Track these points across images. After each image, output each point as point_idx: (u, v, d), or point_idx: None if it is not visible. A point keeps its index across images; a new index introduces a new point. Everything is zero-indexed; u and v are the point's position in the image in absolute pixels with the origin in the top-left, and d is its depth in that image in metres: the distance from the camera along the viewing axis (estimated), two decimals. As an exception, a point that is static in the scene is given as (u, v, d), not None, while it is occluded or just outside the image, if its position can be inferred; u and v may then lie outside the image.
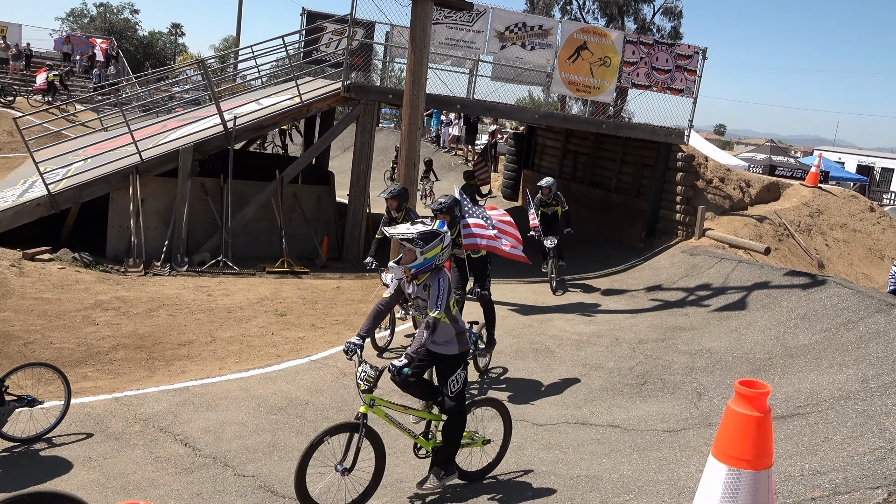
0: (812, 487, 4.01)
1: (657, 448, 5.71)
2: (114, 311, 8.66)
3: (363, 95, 12.52)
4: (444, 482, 4.88)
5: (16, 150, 18.82)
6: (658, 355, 8.62)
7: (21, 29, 31.12)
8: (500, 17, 13.16)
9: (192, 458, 5.22)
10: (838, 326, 8.30)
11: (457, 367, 4.82)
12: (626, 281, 12.64)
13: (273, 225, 12.29)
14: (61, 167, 11.88)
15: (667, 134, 14.31)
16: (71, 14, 56.82)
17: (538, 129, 19.87)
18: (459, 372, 4.83)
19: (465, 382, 4.88)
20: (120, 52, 31.69)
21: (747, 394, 2.86)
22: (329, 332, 8.83)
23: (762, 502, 2.85)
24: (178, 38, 60.79)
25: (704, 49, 14.43)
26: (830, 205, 15.97)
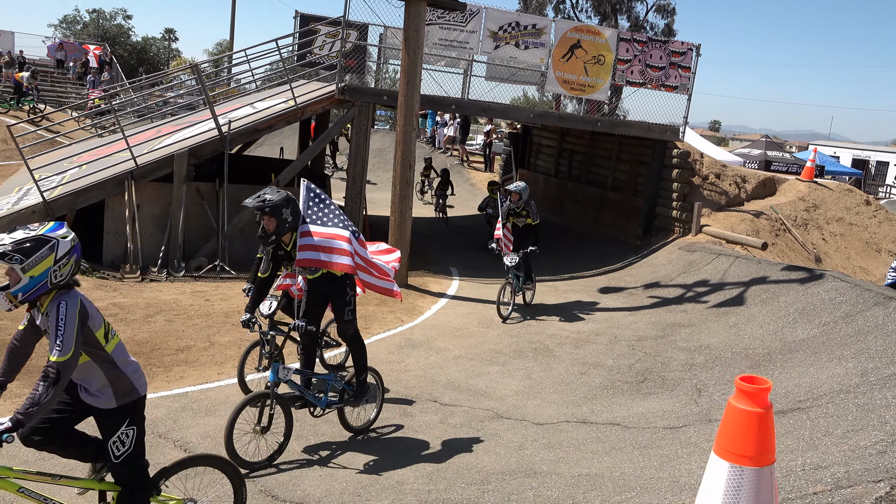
0: (814, 482, 4.01)
1: (658, 445, 5.70)
2: (111, 317, 8.63)
3: (358, 97, 12.51)
4: None
5: (10, 157, 18.75)
6: (657, 352, 8.62)
7: (14, 36, 31.06)
8: (494, 17, 13.16)
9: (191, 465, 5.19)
10: (837, 320, 8.31)
11: (117, 424, 3.64)
12: (624, 278, 12.64)
13: (269, 228, 12.25)
14: (56, 174, 11.85)
15: (662, 131, 14.32)
16: (64, 21, 56.80)
17: (533, 129, 19.88)
18: (124, 430, 3.64)
19: (135, 443, 3.70)
20: (113, 58, 31.63)
21: (748, 390, 2.85)
22: (327, 334, 8.80)
23: (765, 499, 2.84)
24: (172, 43, 60.77)
25: (698, 46, 14.44)
26: (826, 199, 16.00)
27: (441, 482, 5.11)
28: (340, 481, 5.09)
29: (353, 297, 5.84)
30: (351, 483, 5.06)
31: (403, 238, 11.30)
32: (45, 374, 3.39)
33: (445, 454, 5.67)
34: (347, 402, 5.78)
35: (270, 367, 5.33)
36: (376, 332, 9.03)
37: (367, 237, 13.41)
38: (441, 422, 6.39)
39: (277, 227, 5.41)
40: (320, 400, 5.63)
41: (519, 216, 10.31)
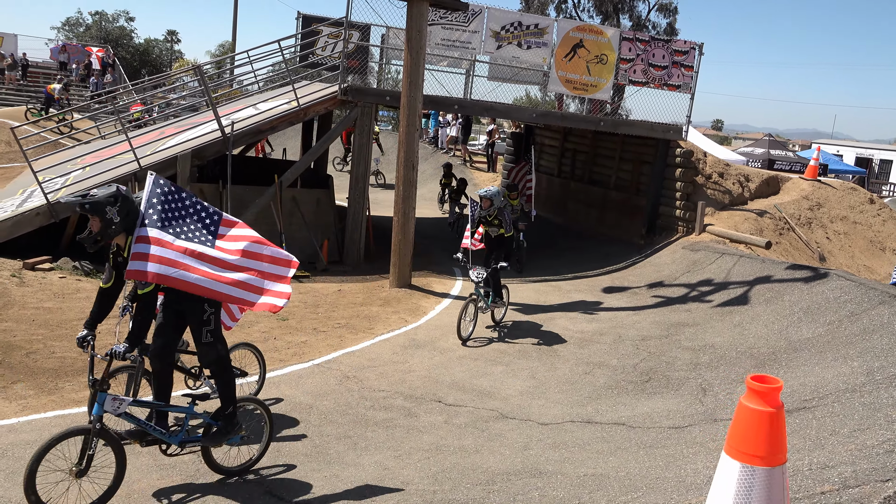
0: (821, 481, 3.99)
1: (663, 445, 5.69)
2: (115, 318, 8.60)
3: (360, 98, 12.51)
4: None
5: (14, 159, 18.78)
6: (662, 352, 8.60)
7: (17, 39, 31.15)
8: (496, 17, 13.15)
9: (198, 465, 5.19)
10: (842, 319, 8.28)
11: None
12: (628, 278, 12.62)
13: (273, 229, 12.27)
14: (60, 176, 11.87)
15: (665, 130, 14.30)
16: (66, 23, 56.88)
17: (536, 129, 19.86)
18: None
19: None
20: (116, 60, 31.68)
21: (759, 389, 2.83)
22: (331, 335, 8.81)
23: (777, 499, 2.82)
24: (174, 44, 60.81)
25: (701, 44, 14.43)
26: (830, 198, 15.96)
27: (446, 482, 5.11)
28: (346, 482, 5.08)
29: (215, 315, 4.91)
30: (356, 484, 5.06)
31: (407, 238, 11.30)
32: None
33: (450, 454, 5.66)
34: (207, 440, 4.92)
35: (96, 396, 4.49)
36: (380, 333, 9.02)
37: (371, 238, 13.48)
38: (446, 422, 6.38)
39: (101, 229, 4.52)
40: (172, 436, 4.84)
41: (491, 225, 9.32)
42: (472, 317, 8.97)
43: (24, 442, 5.39)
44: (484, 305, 9.21)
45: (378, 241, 13.78)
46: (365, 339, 8.76)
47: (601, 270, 13.24)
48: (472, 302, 8.91)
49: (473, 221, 9.35)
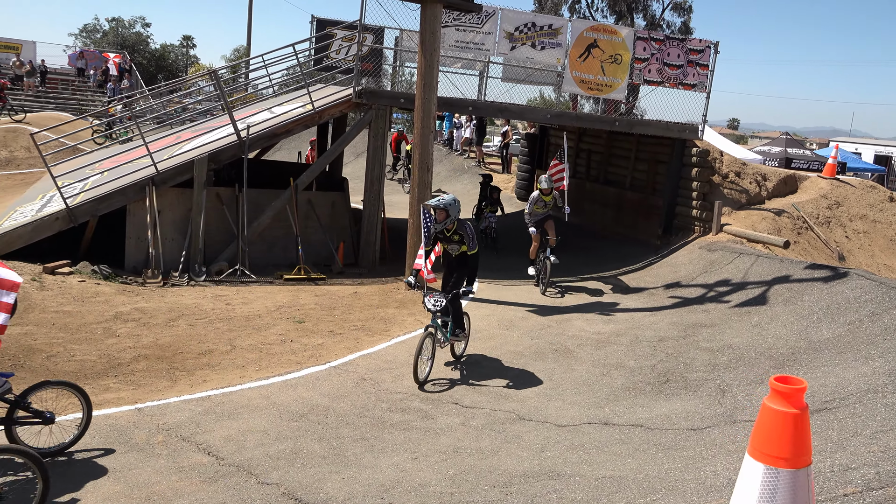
0: (844, 483, 3.94)
1: (682, 447, 5.65)
2: (134, 322, 8.71)
3: (374, 101, 12.53)
4: None
5: (33, 165, 19.02)
6: (679, 353, 8.54)
7: (35, 46, 31.54)
8: (510, 18, 13.13)
9: (216, 467, 5.22)
10: (862, 319, 8.19)
11: None
12: (644, 279, 12.55)
13: (289, 232, 12.33)
14: (78, 181, 11.99)
15: (680, 129, 14.21)
16: (84, 30, 57.55)
17: (551, 129, 19.81)
18: None
19: None
20: (133, 66, 32.01)
21: (783, 390, 2.80)
22: (348, 337, 8.83)
23: (802, 501, 2.79)
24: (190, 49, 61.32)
25: (716, 43, 14.33)
26: (849, 196, 15.79)
27: (464, 485, 5.10)
28: (363, 484, 5.08)
29: None
30: (374, 486, 5.06)
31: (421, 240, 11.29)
32: None
33: (468, 456, 5.65)
34: None
35: None
36: (396, 335, 9.03)
37: (386, 240, 13.49)
38: (463, 424, 6.38)
39: None
40: None
41: (450, 241, 7.73)
42: (431, 353, 7.45)
43: (46, 444, 5.44)
44: (442, 339, 7.71)
45: (393, 244, 13.79)
46: (381, 341, 8.77)
47: (617, 271, 13.18)
48: (430, 336, 7.33)
49: (428, 238, 7.77)
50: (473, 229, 7.71)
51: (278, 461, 5.43)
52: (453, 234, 7.68)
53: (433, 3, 10.67)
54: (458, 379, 7.60)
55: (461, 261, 7.82)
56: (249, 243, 11.85)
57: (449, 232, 7.68)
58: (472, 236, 7.66)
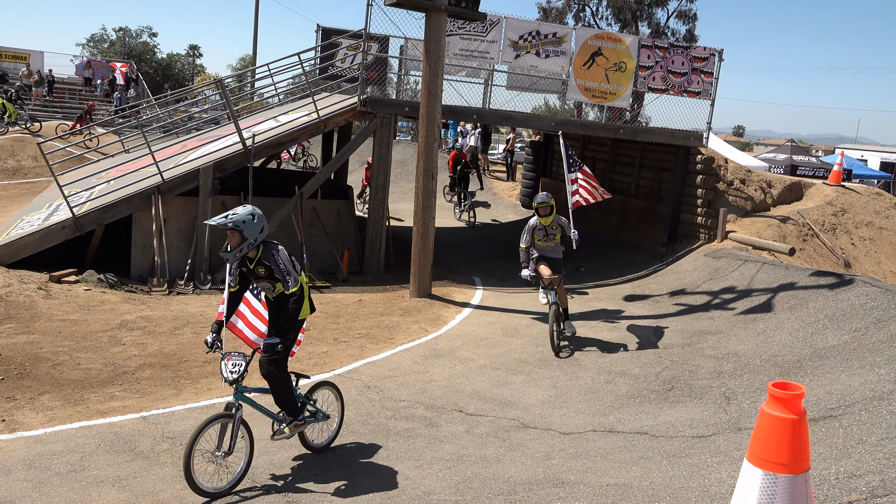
0: (849, 491, 3.93)
1: (687, 454, 5.63)
2: (140, 330, 8.74)
3: (379, 109, 12.58)
4: None
5: (40, 174, 19.14)
6: (684, 360, 8.52)
7: (43, 56, 31.79)
8: (514, 27, 13.18)
9: (220, 474, 5.23)
10: (868, 326, 8.16)
11: None
12: (649, 286, 12.54)
13: (294, 240, 12.37)
14: (85, 190, 12.06)
15: (685, 137, 14.22)
16: (91, 39, 57.98)
17: (555, 137, 19.83)
18: None
19: None
20: (139, 75, 32.20)
21: (781, 396, 2.80)
22: (352, 345, 8.84)
23: (800, 507, 2.79)
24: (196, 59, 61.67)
25: (720, 51, 14.35)
26: (855, 203, 15.75)
27: (468, 492, 5.09)
28: (367, 492, 5.09)
29: None
30: (378, 494, 5.06)
31: (426, 248, 11.32)
32: None
33: (472, 464, 5.65)
34: None
35: None
36: (401, 343, 9.04)
37: (391, 248, 13.52)
38: (467, 431, 6.37)
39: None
40: None
41: (256, 276, 5.28)
42: (228, 447, 4.95)
43: (51, 452, 5.47)
44: (239, 442, 5.01)
45: (398, 252, 13.82)
46: (385, 348, 8.78)
47: (622, 278, 13.17)
48: (223, 421, 4.94)
49: (233, 276, 5.33)
50: (288, 257, 5.23)
51: (282, 469, 5.43)
52: (256, 265, 5.20)
53: (438, 12, 10.72)
54: (466, 387, 7.60)
55: (280, 303, 5.35)
56: (255, 251, 11.87)
57: (251, 263, 5.20)
58: (286, 268, 5.15)
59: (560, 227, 9.23)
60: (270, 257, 5.15)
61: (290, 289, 5.17)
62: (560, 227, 9.24)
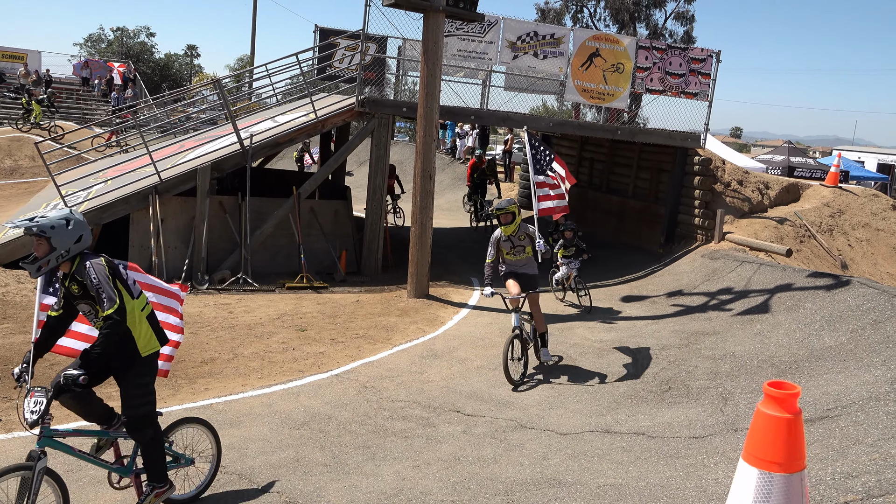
0: (845, 491, 3.94)
1: (684, 455, 5.64)
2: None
3: (377, 109, 12.59)
4: None
5: (38, 174, 19.12)
6: (681, 361, 8.54)
7: (40, 55, 31.72)
8: (512, 28, 13.19)
9: (218, 476, 5.22)
10: (865, 327, 8.18)
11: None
12: (647, 287, 12.55)
13: (291, 241, 12.36)
14: (82, 189, 12.04)
15: (683, 138, 14.24)
16: (89, 39, 57.93)
17: (553, 138, 19.84)
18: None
19: None
20: (137, 75, 32.15)
21: (777, 395, 2.81)
22: (350, 346, 8.84)
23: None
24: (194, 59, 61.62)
25: (718, 52, 14.38)
26: (852, 204, 15.78)
27: (465, 493, 5.10)
28: (364, 492, 5.09)
29: None
30: (375, 494, 5.06)
31: (424, 249, 11.32)
32: None
33: (469, 465, 5.65)
34: None
35: None
36: (398, 343, 9.04)
37: (388, 248, 13.51)
38: (464, 432, 6.38)
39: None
40: None
41: (75, 297, 4.26)
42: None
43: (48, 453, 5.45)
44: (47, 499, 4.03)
45: (395, 252, 13.82)
46: (383, 349, 8.78)
47: (620, 279, 13.18)
48: (21, 471, 3.97)
49: (53, 291, 4.60)
50: (106, 272, 4.15)
51: (280, 469, 5.43)
52: (70, 282, 4.22)
53: (436, 12, 10.73)
54: (463, 387, 7.60)
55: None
56: (252, 252, 11.88)
57: (66, 279, 4.23)
58: (100, 284, 4.10)
59: (528, 236, 8.12)
60: (84, 273, 4.12)
61: (107, 310, 4.07)
62: (529, 237, 8.14)
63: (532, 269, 8.27)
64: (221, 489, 5.07)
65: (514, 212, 7.97)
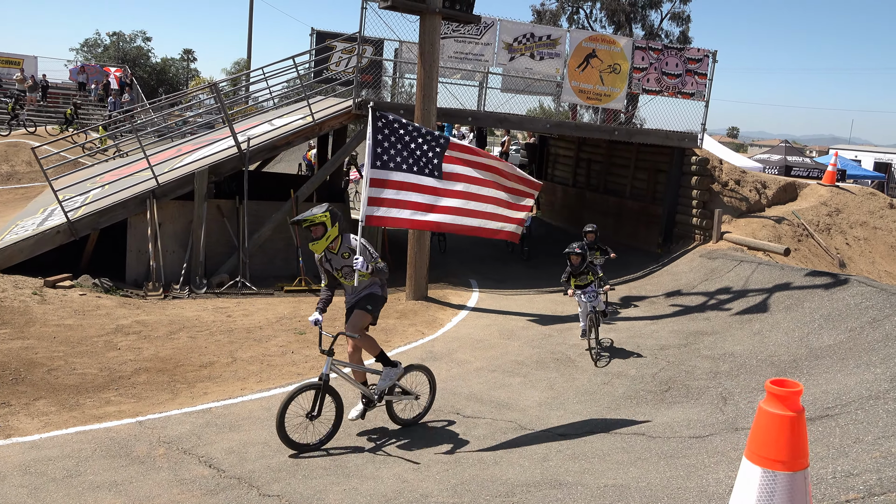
0: (846, 489, 3.94)
1: (684, 455, 5.64)
2: (135, 335, 8.71)
3: (374, 112, 12.56)
4: None
5: (35, 179, 19.08)
6: (681, 361, 8.53)
7: (37, 61, 31.67)
8: (508, 29, 13.20)
9: (217, 480, 5.21)
10: (863, 325, 8.18)
11: None
12: (645, 287, 12.55)
13: (289, 244, 12.35)
14: (79, 194, 12.03)
15: (680, 138, 14.25)
16: (85, 44, 57.77)
17: (550, 139, 19.87)
18: None
19: None
20: (134, 80, 32.14)
21: (779, 393, 2.81)
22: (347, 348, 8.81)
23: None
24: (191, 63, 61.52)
25: (714, 52, 14.39)
26: (849, 203, 15.80)
27: (466, 495, 5.08)
28: (365, 495, 5.07)
29: None
30: (375, 496, 5.05)
31: (422, 251, 11.32)
32: None
33: (469, 466, 5.64)
34: None
35: None
36: (398, 345, 9.03)
37: (386, 251, 13.50)
38: (464, 434, 6.37)
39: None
40: None
41: None
42: None
43: (47, 458, 5.44)
44: None
45: (394, 254, 13.81)
46: (382, 351, 8.75)
47: (618, 280, 13.18)
48: None
49: None
50: None
51: (279, 473, 5.42)
52: None
53: (432, 14, 10.74)
54: (462, 389, 7.59)
55: None
56: (250, 255, 11.87)
57: None
58: None
59: (351, 251, 6.15)
60: None
61: None
62: (352, 252, 6.15)
63: (374, 288, 6.38)
64: (221, 493, 5.05)
65: (325, 222, 5.99)
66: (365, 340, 6.32)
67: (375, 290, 6.37)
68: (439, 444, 6.11)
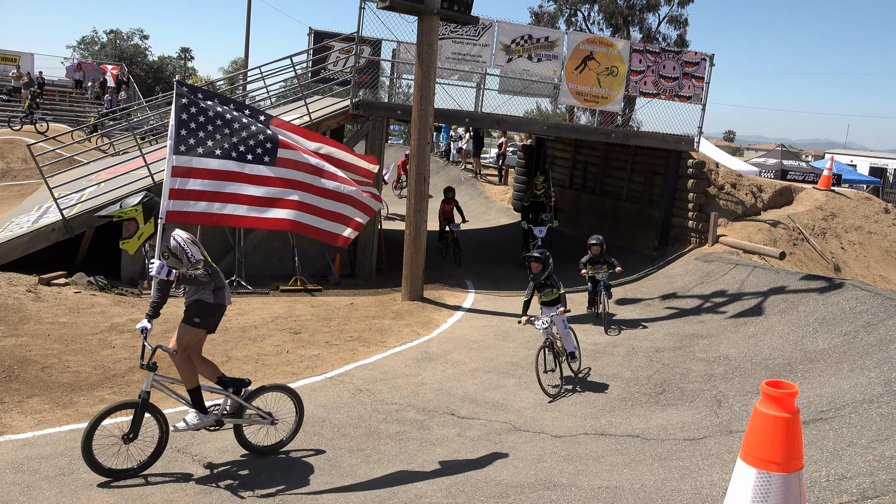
0: (839, 493, 3.95)
1: (678, 457, 5.64)
2: (130, 333, 8.69)
3: (371, 112, 12.58)
4: None
5: (30, 176, 19.02)
6: (675, 363, 8.54)
7: (33, 58, 31.60)
8: (506, 31, 13.21)
9: (211, 479, 5.20)
10: (858, 329, 8.20)
11: None
12: (641, 289, 12.56)
13: (285, 244, 12.33)
14: (75, 192, 11.99)
15: (676, 141, 14.28)
16: (82, 42, 57.71)
17: (547, 141, 19.88)
18: None
19: None
20: (130, 78, 32.06)
21: (775, 394, 2.81)
22: (344, 348, 8.82)
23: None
24: (188, 61, 61.47)
25: (711, 55, 14.43)
26: (844, 208, 15.85)
27: (460, 496, 5.08)
28: (358, 495, 5.07)
29: None
30: (369, 497, 5.04)
31: (419, 251, 11.31)
32: None
33: (463, 467, 5.63)
34: None
35: None
36: (393, 346, 9.02)
37: (383, 251, 13.50)
38: (459, 435, 6.36)
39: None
40: None
41: None
42: None
43: (40, 456, 5.42)
44: None
45: (390, 255, 13.80)
46: (377, 352, 8.76)
47: (614, 282, 13.17)
48: None
49: None
50: None
51: (274, 472, 5.41)
52: None
53: (430, 15, 10.74)
54: (457, 390, 7.58)
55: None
56: (246, 255, 11.85)
57: None
58: None
59: (170, 251, 5.31)
60: None
61: None
62: (171, 253, 5.31)
63: (192, 300, 5.60)
64: (215, 492, 5.04)
65: (135, 218, 5.28)
66: (183, 363, 5.35)
67: (205, 296, 5.52)
68: (433, 445, 6.10)
